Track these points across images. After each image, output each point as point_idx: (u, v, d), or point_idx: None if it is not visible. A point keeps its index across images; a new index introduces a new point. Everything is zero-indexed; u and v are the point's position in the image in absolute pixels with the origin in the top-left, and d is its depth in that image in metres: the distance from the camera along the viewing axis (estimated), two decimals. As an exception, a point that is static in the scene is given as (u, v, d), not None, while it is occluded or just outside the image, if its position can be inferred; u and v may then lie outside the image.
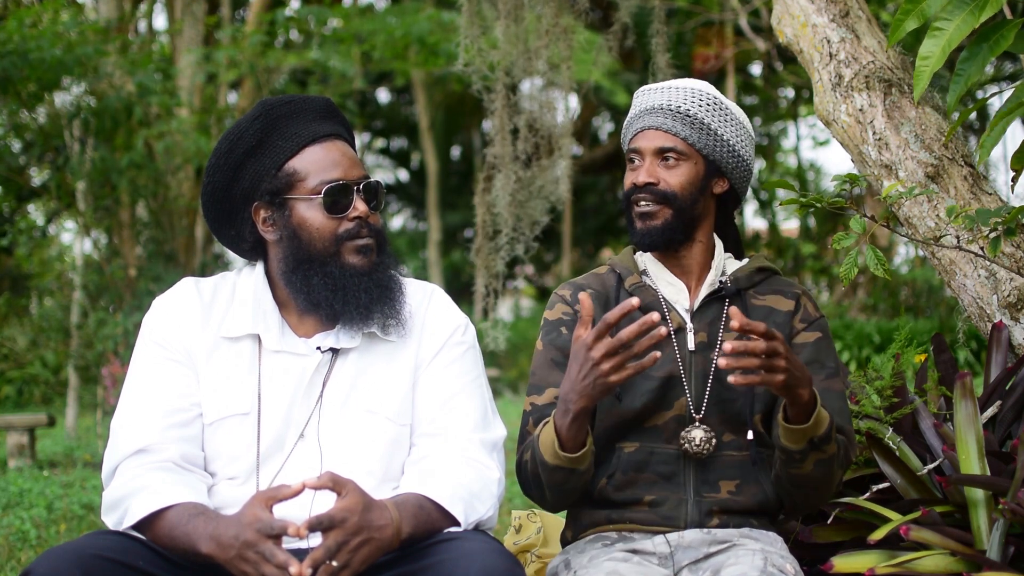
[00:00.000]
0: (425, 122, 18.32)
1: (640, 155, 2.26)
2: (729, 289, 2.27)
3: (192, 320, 2.11)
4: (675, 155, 2.23)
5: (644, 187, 2.23)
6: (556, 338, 2.27)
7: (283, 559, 1.73)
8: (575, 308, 2.29)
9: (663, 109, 2.25)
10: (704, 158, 2.26)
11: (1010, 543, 2.18)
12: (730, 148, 2.27)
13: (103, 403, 8.33)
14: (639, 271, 2.32)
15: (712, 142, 2.25)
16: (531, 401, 2.26)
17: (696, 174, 2.25)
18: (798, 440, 2.06)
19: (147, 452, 1.99)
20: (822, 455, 2.08)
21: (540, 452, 2.10)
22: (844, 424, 2.19)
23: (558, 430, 2.06)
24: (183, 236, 10.41)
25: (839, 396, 2.22)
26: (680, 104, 2.25)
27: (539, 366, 2.28)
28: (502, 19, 4.95)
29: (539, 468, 2.12)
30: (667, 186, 2.23)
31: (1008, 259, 2.77)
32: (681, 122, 2.24)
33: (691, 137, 2.23)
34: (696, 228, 2.27)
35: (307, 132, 2.10)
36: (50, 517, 5.17)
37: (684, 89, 2.28)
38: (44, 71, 8.44)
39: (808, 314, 2.29)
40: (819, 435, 2.05)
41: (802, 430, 2.04)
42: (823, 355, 2.24)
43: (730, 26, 16.08)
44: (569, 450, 2.06)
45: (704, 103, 2.25)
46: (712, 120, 2.25)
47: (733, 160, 2.28)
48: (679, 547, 2.14)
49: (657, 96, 2.28)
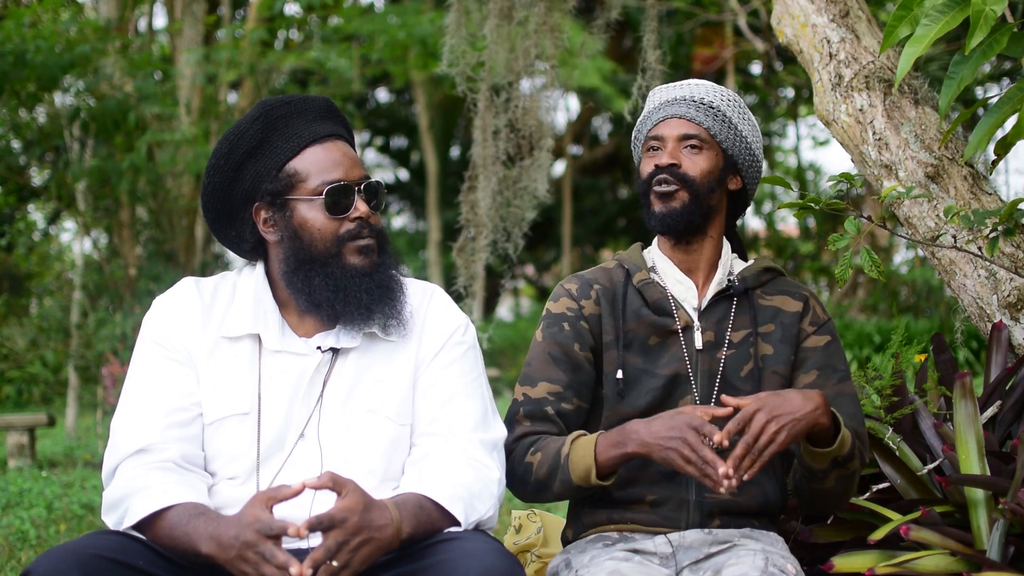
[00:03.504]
0: (425, 122, 18.31)
1: (662, 142, 2.28)
2: (737, 288, 2.27)
3: (192, 320, 2.11)
4: (698, 142, 2.26)
5: (667, 168, 2.25)
6: (557, 333, 2.27)
7: (283, 559, 1.73)
8: (580, 304, 2.29)
9: (686, 100, 2.29)
10: (723, 152, 2.28)
11: (1010, 543, 2.18)
12: (747, 145, 2.30)
13: (103, 403, 8.33)
14: (647, 267, 2.32)
15: (732, 136, 2.28)
16: (524, 392, 2.25)
17: (716, 165, 2.27)
18: (822, 461, 2.07)
19: (147, 452, 1.98)
20: (844, 472, 2.09)
21: (568, 471, 2.11)
22: (858, 427, 2.20)
23: (600, 457, 2.08)
24: (183, 236, 10.41)
25: (852, 399, 2.22)
26: (703, 96, 2.28)
27: (535, 358, 2.28)
28: (492, 17, 4.94)
29: (554, 477, 2.13)
30: (688, 169, 2.24)
31: (1008, 259, 2.77)
32: (704, 112, 2.27)
33: (713, 128, 2.26)
34: (710, 221, 2.28)
35: (307, 132, 2.10)
36: (50, 517, 5.17)
37: (704, 85, 2.32)
38: (43, 72, 8.44)
39: (817, 317, 2.29)
40: (843, 455, 2.07)
41: (826, 453, 2.06)
42: (834, 359, 2.25)
43: (729, 26, 16.07)
44: (604, 478, 2.10)
45: (725, 98, 2.29)
46: (733, 115, 2.28)
47: (749, 158, 2.31)
48: (680, 547, 2.14)
49: (678, 90, 2.32)
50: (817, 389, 2.15)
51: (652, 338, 2.25)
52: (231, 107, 11.47)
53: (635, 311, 2.27)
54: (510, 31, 4.99)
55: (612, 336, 2.25)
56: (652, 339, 2.25)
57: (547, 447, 2.16)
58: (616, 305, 2.28)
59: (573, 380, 2.24)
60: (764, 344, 2.25)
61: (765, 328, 2.26)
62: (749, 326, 2.25)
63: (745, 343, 2.24)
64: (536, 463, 2.16)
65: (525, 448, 2.20)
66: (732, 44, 16.37)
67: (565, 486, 2.13)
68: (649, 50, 5.01)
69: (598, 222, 22.46)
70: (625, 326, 2.25)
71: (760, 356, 2.23)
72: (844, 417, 2.17)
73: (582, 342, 2.26)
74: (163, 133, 9.12)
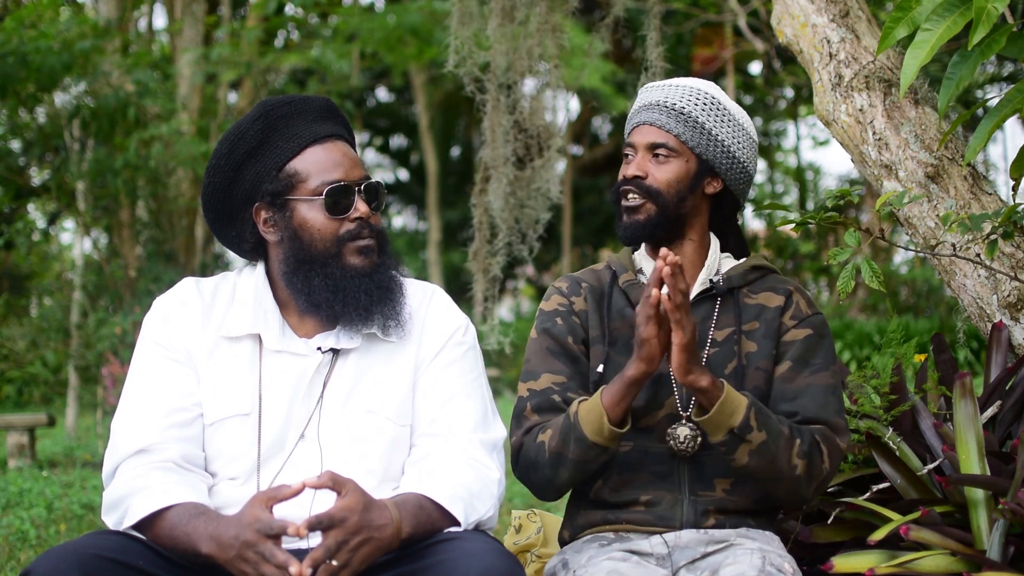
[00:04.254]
0: (425, 122, 18.31)
1: (634, 149, 2.30)
2: (720, 288, 2.27)
3: (193, 320, 2.11)
4: (666, 151, 2.26)
5: (632, 180, 2.27)
6: (551, 327, 2.29)
7: (283, 559, 1.73)
8: (570, 300, 2.32)
9: (659, 105, 2.28)
10: (697, 157, 2.27)
11: (1010, 543, 2.18)
12: (724, 149, 2.28)
13: (103, 403, 8.33)
14: (635, 269, 2.35)
15: (706, 141, 2.26)
16: (528, 387, 2.26)
17: (686, 172, 2.26)
18: (715, 431, 2.07)
19: (148, 452, 1.99)
20: (749, 445, 2.07)
21: (580, 427, 2.10)
22: (828, 416, 2.18)
23: (606, 401, 2.09)
24: (183, 236, 10.41)
25: (824, 389, 2.20)
26: (676, 102, 2.27)
27: (533, 353, 2.30)
28: (494, 17, 4.93)
29: (568, 441, 2.11)
30: (654, 181, 2.25)
31: (1008, 260, 2.77)
32: (675, 119, 2.26)
33: (684, 135, 2.25)
34: (685, 226, 2.29)
35: (308, 133, 2.10)
36: (50, 517, 5.17)
37: (683, 87, 2.30)
38: (43, 71, 8.43)
39: (799, 311, 2.28)
40: (736, 424, 2.05)
41: (711, 420, 2.06)
42: (809, 353, 2.24)
43: (729, 27, 16.08)
44: (616, 423, 2.09)
45: (701, 102, 2.27)
46: (707, 119, 2.26)
47: (727, 161, 2.29)
48: (676, 547, 2.14)
49: (656, 93, 2.31)
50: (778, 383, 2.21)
51: None
52: (231, 107, 11.48)
53: (619, 310, 2.29)
54: (512, 31, 4.99)
55: (598, 332, 2.29)
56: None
57: (555, 422, 2.17)
58: (602, 303, 2.31)
59: (574, 371, 2.26)
60: (748, 341, 2.25)
61: (749, 326, 2.26)
62: (733, 324, 2.26)
63: (729, 341, 2.25)
64: (547, 438, 2.16)
65: (535, 435, 2.19)
66: (732, 44, 16.38)
67: (581, 445, 2.10)
68: (651, 48, 5.01)
69: (598, 222, 22.46)
70: (610, 324, 2.27)
71: (744, 354, 2.24)
72: (812, 407, 2.17)
73: (575, 335, 2.29)
74: (157, 127, 9.11)
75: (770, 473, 2.11)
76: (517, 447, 2.23)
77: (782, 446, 2.09)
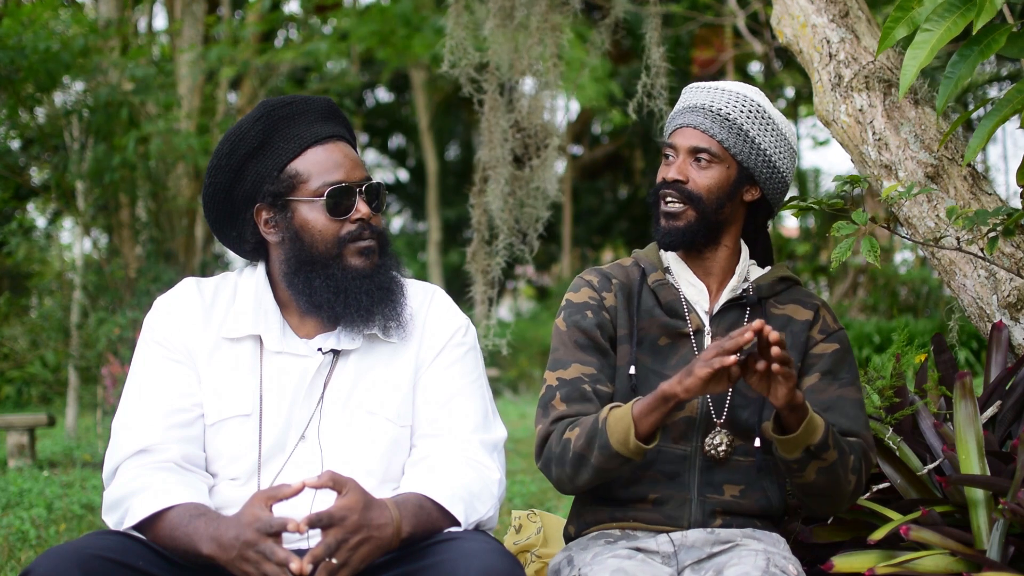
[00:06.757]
0: (424, 122, 18.31)
1: (675, 151, 2.27)
2: (751, 297, 2.27)
3: (193, 320, 2.11)
4: (708, 156, 2.23)
5: (672, 184, 2.24)
6: (580, 320, 2.26)
7: (283, 556, 1.74)
8: (601, 296, 2.29)
9: (704, 109, 2.25)
10: (738, 164, 2.25)
11: (1010, 543, 2.19)
12: (766, 158, 2.26)
13: (103, 403, 8.33)
14: (663, 268, 2.32)
15: (748, 149, 2.24)
16: (557, 376, 2.23)
17: (727, 179, 2.24)
18: (793, 450, 2.06)
19: (148, 452, 1.99)
20: (822, 463, 2.07)
21: (606, 435, 2.07)
22: (860, 430, 2.19)
23: (636, 413, 2.04)
24: (183, 236, 10.41)
25: (854, 403, 2.21)
26: (722, 107, 2.24)
27: (562, 344, 2.27)
28: (493, 17, 4.92)
29: (592, 446, 2.08)
30: (695, 186, 2.23)
31: (1008, 259, 2.78)
32: (720, 124, 2.23)
33: (727, 141, 2.23)
34: (722, 232, 2.27)
35: (309, 133, 2.10)
36: (50, 517, 5.17)
37: (730, 92, 2.27)
38: (42, 71, 8.43)
39: (827, 326, 2.28)
40: (815, 443, 2.04)
41: (794, 439, 2.04)
42: (838, 367, 2.24)
43: (729, 28, 16.07)
44: (644, 439, 2.05)
45: (746, 109, 2.25)
46: (751, 127, 2.24)
47: (767, 170, 2.27)
48: (682, 546, 2.14)
49: (701, 95, 2.28)
50: (809, 393, 2.16)
51: (663, 339, 2.25)
52: (231, 106, 11.48)
53: (648, 310, 2.27)
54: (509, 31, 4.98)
55: (626, 331, 2.26)
56: (663, 339, 2.25)
57: (584, 421, 2.14)
58: (631, 301, 2.28)
59: (603, 364, 2.24)
60: None
61: None
62: None
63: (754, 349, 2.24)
64: (574, 437, 2.13)
65: (563, 428, 2.17)
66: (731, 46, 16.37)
67: (604, 453, 2.07)
68: (653, 48, 5.00)
69: (598, 222, 22.47)
70: (639, 324, 2.26)
71: None
72: (845, 420, 2.17)
73: (604, 331, 2.26)
74: (153, 123, 9.09)
75: (832, 488, 2.12)
76: (543, 436, 2.20)
77: (846, 464, 2.11)
